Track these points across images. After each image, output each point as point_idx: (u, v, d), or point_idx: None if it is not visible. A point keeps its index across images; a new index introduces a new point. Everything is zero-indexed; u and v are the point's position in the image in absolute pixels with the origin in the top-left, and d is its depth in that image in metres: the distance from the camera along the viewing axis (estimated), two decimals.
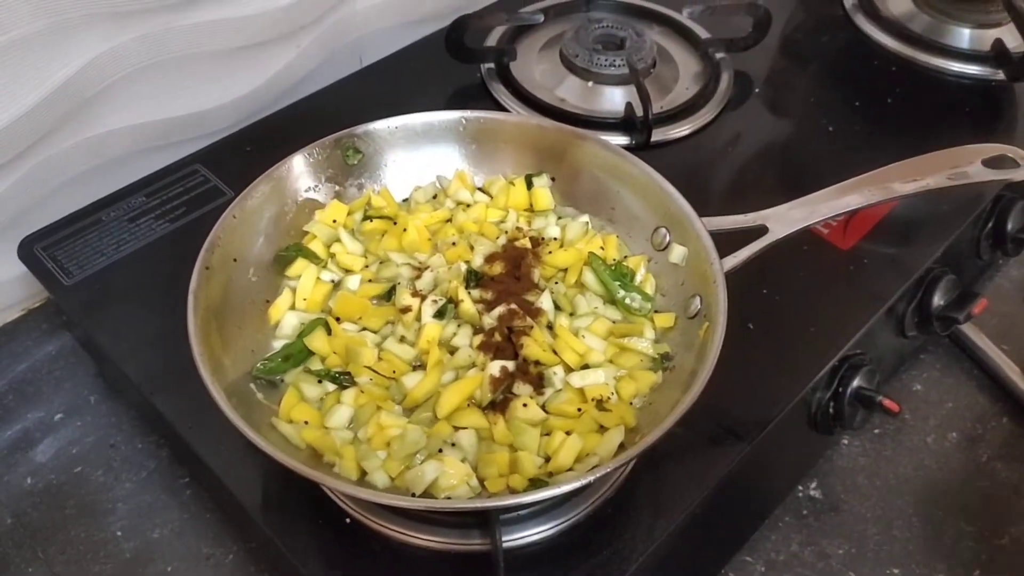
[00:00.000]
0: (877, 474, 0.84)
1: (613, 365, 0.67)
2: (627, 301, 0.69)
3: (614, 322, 0.70)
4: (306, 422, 0.63)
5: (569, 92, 0.99)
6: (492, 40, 1.03)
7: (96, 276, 0.80)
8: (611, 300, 0.70)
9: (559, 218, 0.77)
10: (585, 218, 0.76)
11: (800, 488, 0.83)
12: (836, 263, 0.83)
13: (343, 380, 0.66)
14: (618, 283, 0.70)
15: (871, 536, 0.80)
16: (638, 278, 0.72)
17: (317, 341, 0.67)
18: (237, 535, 0.76)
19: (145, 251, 0.82)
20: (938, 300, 0.85)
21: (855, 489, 0.83)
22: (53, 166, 0.86)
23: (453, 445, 0.62)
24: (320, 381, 0.65)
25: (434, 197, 0.79)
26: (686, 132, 0.96)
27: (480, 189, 0.79)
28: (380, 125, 0.76)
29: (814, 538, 0.80)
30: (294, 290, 0.71)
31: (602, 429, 0.63)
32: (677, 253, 0.70)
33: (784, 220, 0.68)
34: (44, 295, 0.91)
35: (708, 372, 0.58)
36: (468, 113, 0.77)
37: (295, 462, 0.55)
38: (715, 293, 0.63)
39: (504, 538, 0.60)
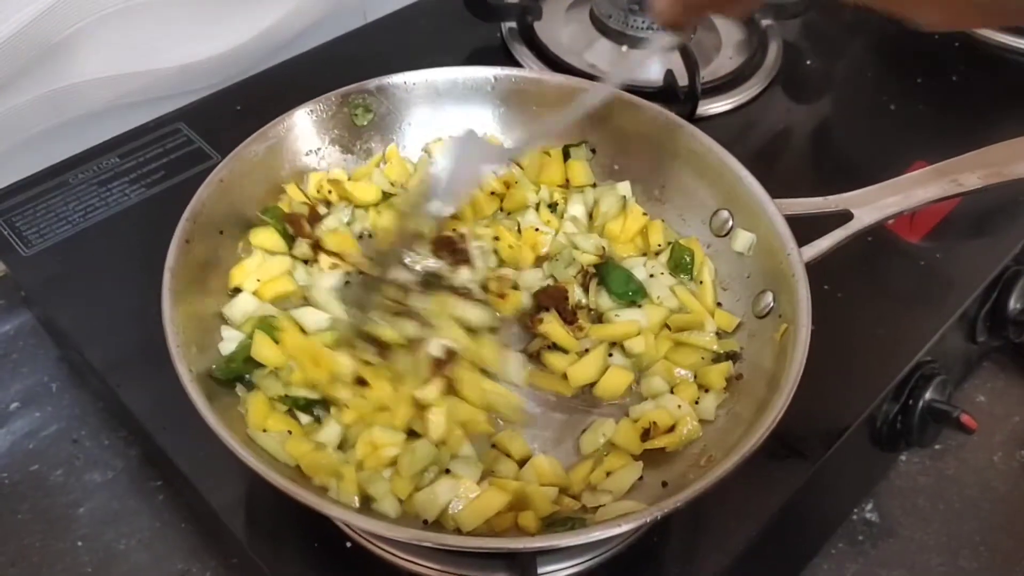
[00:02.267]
0: (939, 496, 0.77)
1: (668, 362, 0.58)
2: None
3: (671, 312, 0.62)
4: (289, 432, 0.53)
5: (600, 57, 0.90)
6: None
7: (59, 247, 0.73)
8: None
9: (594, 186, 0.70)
10: (624, 188, 0.68)
11: (855, 510, 0.74)
12: (904, 257, 0.76)
13: (314, 410, 0.56)
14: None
15: (935, 567, 0.73)
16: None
17: (264, 350, 0.56)
18: (216, 549, 0.68)
19: (116, 219, 0.75)
20: (1014, 302, 0.76)
21: (915, 512, 0.76)
22: (12, 120, 0.79)
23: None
24: (289, 410, 0.56)
25: None
26: (730, 106, 0.88)
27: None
28: (396, 80, 0.68)
29: (871, 567, 0.72)
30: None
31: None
32: (743, 240, 0.62)
33: (872, 205, 0.59)
34: (0, 268, 0.81)
35: (794, 382, 0.49)
36: (500, 71, 0.69)
37: (296, 487, 0.46)
38: (794, 288, 0.55)
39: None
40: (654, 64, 0.88)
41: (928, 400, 0.69)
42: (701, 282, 0.63)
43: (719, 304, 0.63)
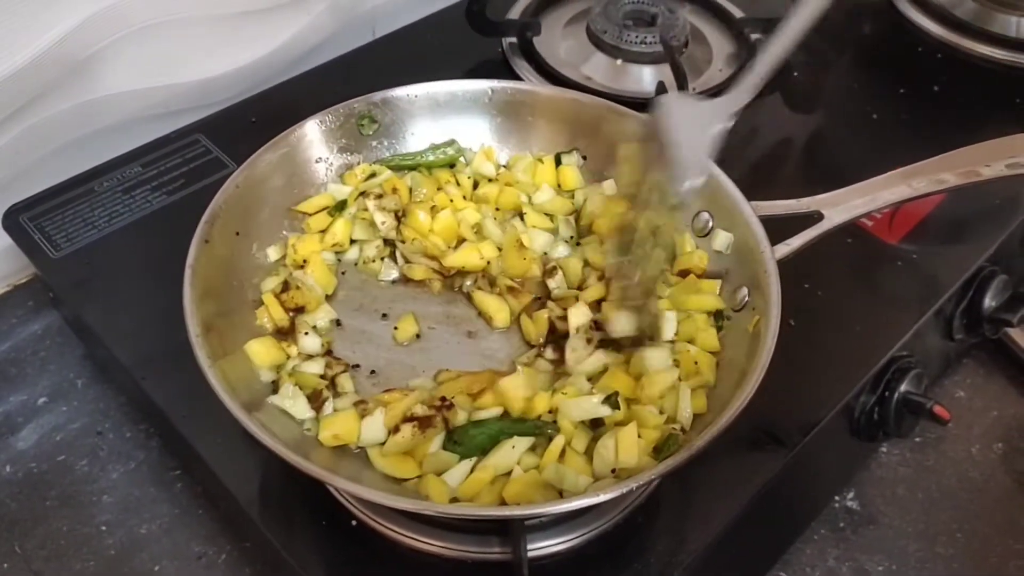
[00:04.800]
0: (918, 485, 0.79)
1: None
2: None
3: None
4: None
5: (596, 70, 0.94)
6: (515, 13, 0.98)
7: (86, 250, 0.76)
8: None
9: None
10: (608, 187, 0.71)
11: (836, 498, 0.78)
12: (882, 258, 0.78)
13: None
14: None
15: (913, 552, 0.75)
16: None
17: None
18: (231, 533, 0.71)
19: (139, 224, 0.78)
20: (989, 301, 0.79)
21: (895, 501, 0.78)
22: (43, 131, 0.82)
23: None
24: None
25: (451, 166, 0.74)
26: None
27: (504, 167, 0.73)
28: (400, 92, 0.71)
29: (852, 553, 0.75)
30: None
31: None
32: (722, 239, 0.65)
33: (841, 207, 0.63)
34: (31, 270, 0.86)
35: (762, 368, 0.53)
36: (496, 83, 0.72)
37: (304, 461, 0.49)
38: (766, 283, 0.58)
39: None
40: (646, 76, 0.93)
41: (903, 392, 0.71)
42: None
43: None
